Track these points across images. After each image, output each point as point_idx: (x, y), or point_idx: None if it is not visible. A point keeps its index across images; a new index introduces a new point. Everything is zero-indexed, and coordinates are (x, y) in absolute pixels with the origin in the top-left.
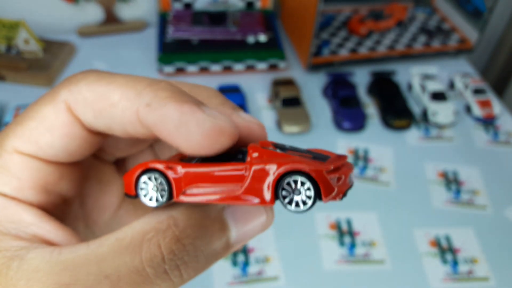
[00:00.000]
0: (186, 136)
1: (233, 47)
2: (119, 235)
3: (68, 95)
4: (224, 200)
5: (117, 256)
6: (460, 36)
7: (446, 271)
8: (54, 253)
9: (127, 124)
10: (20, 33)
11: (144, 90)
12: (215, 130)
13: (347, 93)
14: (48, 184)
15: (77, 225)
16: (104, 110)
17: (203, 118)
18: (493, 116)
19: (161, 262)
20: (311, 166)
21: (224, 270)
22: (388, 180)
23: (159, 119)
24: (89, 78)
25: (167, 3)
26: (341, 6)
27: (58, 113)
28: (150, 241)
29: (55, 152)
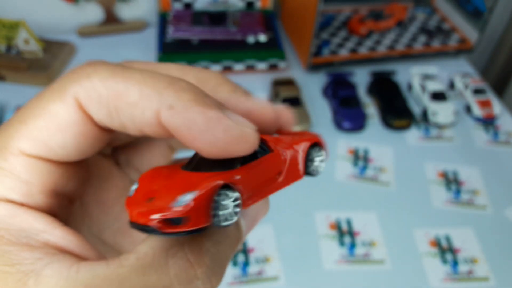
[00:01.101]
0: (211, 142)
1: (233, 47)
2: (139, 254)
3: (79, 90)
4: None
5: (141, 275)
6: (460, 36)
7: (446, 271)
8: (72, 271)
9: (144, 124)
10: (20, 33)
11: (165, 90)
12: (241, 137)
13: (347, 93)
14: (57, 186)
15: (79, 223)
16: (121, 109)
17: (230, 125)
18: (493, 116)
19: (194, 277)
20: (318, 138)
21: None
22: (388, 180)
23: (183, 123)
24: (102, 73)
25: (167, 3)
26: (341, 6)
27: (69, 110)
28: (176, 256)
29: (67, 153)
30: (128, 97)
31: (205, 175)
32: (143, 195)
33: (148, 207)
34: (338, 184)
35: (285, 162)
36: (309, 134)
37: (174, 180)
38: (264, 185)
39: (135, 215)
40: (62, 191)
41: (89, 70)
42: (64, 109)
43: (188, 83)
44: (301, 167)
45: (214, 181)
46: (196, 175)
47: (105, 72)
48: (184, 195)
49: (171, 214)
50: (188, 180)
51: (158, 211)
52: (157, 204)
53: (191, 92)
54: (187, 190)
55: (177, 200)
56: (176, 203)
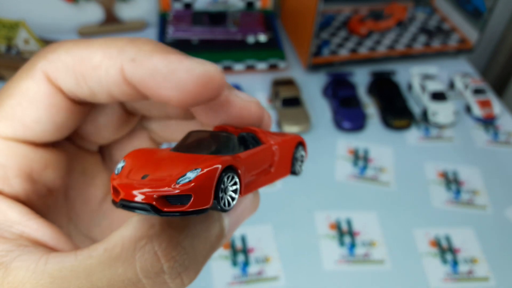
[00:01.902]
0: (176, 85)
1: (233, 47)
2: (108, 245)
3: (45, 64)
4: (268, 181)
5: (107, 268)
6: (460, 36)
7: (446, 271)
8: (40, 263)
9: (111, 85)
10: (20, 33)
11: (126, 46)
12: (206, 75)
13: (347, 93)
14: (34, 171)
15: (60, 219)
16: (86, 73)
17: (191, 64)
18: (493, 116)
19: (160, 271)
20: (301, 138)
21: (224, 270)
22: (388, 180)
23: (146, 72)
24: (67, 45)
25: (167, 3)
26: (341, 6)
27: (39, 84)
28: (143, 248)
29: (43, 128)
30: (91, 60)
31: (205, 156)
32: (134, 173)
33: (144, 184)
34: (338, 184)
35: (276, 155)
36: (291, 134)
37: (168, 159)
38: (259, 174)
39: (128, 193)
40: (39, 178)
41: (55, 46)
42: (34, 84)
43: (149, 39)
44: (289, 164)
45: (219, 161)
46: (194, 156)
47: (70, 43)
48: (189, 172)
49: (173, 190)
50: (187, 160)
51: (158, 188)
52: (155, 181)
53: (152, 44)
54: (190, 167)
55: (182, 176)
56: (181, 180)
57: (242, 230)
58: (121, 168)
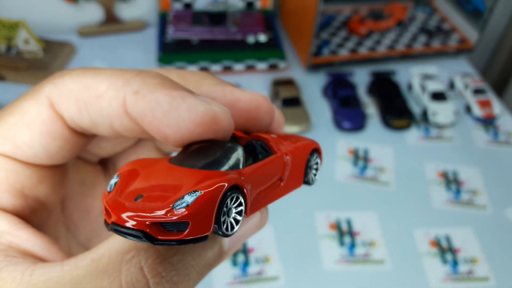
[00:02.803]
0: (176, 123)
1: (233, 47)
2: (95, 255)
3: (52, 88)
4: (277, 197)
5: (93, 280)
6: (460, 36)
7: (446, 271)
8: (25, 274)
9: (113, 117)
10: (20, 33)
11: (133, 78)
12: (209, 116)
13: (347, 93)
14: (26, 188)
15: (58, 230)
16: (89, 102)
17: (195, 102)
18: (493, 116)
19: (145, 286)
20: (317, 144)
21: (224, 270)
22: (388, 180)
23: (147, 106)
24: (75, 72)
25: (167, 3)
26: (341, 6)
27: (40, 109)
28: (130, 262)
29: (34, 152)
30: (96, 90)
31: (206, 173)
32: (128, 192)
33: (137, 208)
34: (338, 184)
35: (287, 166)
36: (306, 139)
37: (166, 175)
38: (267, 190)
39: (118, 216)
40: (31, 193)
41: (65, 72)
42: (35, 107)
43: (157, 72)
44: (302, 174)
45: (221, 180)
46: (194, 172)
47: (78, 71)
48: (186, 195)
49: (169, 217)
50: (185, 176)
51: (151, 213)
52: (149, 204)
53: (158, 77)
54: (188, 188)
55: (179, 200)
56: (177, 204)
57: None
58: (114, 185)
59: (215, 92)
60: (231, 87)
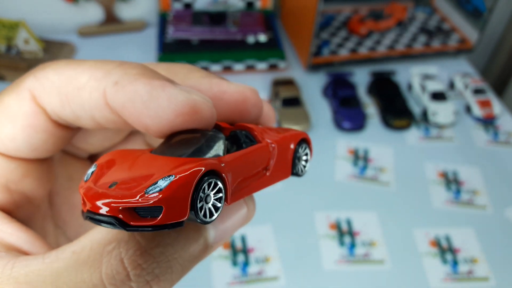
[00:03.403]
0: (156, 113)
1: (233, 47)
2: (76, 247)
3: (33, 82)
4: (262, 186)
5: (74, 272)
6: (460, 36)
7: (446, 271)
8: (6, 268)
9: (94, 109)
10: (20, 33)
11: (114, 69)
12: (189, 105)
13: (347, 93)
14: (10, 182)
15: (46, 225)
16: (71, 94)
17: (175, 92)
18: (493, 116)
19: (126, 279)
20: (305, 134)
21: (224, 270)
22: (388, 180)
23: (126, 97)
24: (57, 64)
25: (167, 3)
26: (341, 6)
27: (21, 102)
28: (110, 254)
29: (17, 146)
30: (77, 82)
31: (183, 160)
32: (103, 180)
33: (110, 194)
34: (338, 184)
35: (273, 155)
36: (295, 130)
37: (143, 163)
38: (251, 179)
39: (93, 204)
40: (16, 188)
41: (46, 64)
42: (17, 100)
43: (139, 64)
44: (289, 165)
45: (198, 165)
46: (172, 159)
47: (60, 63)
48: (160, 180)
49: (141, 202)
50: (162, 164)
51: (124, 198)
52: (122, 190)
53: (139, 67)
54: (162, 174)
55: (152, 185)
56: (150, 189)
57: (242, 230)
58: (90, 174)
59: (201, 84)
60: (218, 79)
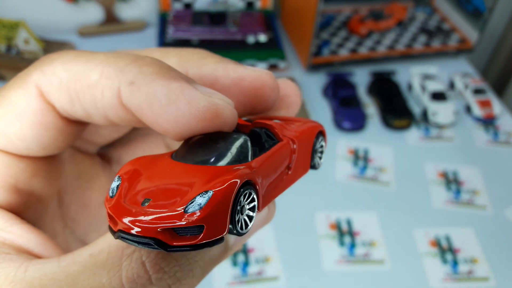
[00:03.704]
0: (175, 117)
1: (233, 47)
2: (93, 250)
3: (40, 77)
4: (287, 186)
5: (91, 276)
6: (460, 36)
7: (446, 271)
8: (19, 271)
9: (107, 108)
10: (20, 33)
11: (127, 66)
12: (211, 110)
13: (347, 93)
14: (19, 182)
15: (55, 225)
16: (81, 92)
17: (195, 95)
18: (493, 116)
19: (147, 283)
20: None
21: (224, 270)
22: (388, 180)
23: (144, 99)
24: (65, 57)
25: (167, 3)
26: (341, 6)
27: (29, 99)
28: (130, 257)
29: (27, 145)
30: (88, 79)
31: (215, 169)
32: (132, 195)
33: (146, 213)
34: (338, 184)
35: (295, 152)
36: (310, 121)
37: (172, 174)
38: (276, 181)
39: (125, 223)
40: (26, 188)
41: (53, 57)
42: (24, 97)
43: (154, 59)
44: (309, 159)
45: (233, 177)
46: (201, 168)
47: (69, 56)
48: (198, 197)
49: (183, 222)
50: (193, 175)
51: (164, 219)
52: (158, 208)
53: (155, 66)
54: (198, 189)
55: (190, 203)
56: (189, 208)
57: None
58: (116, 189)
59: (217, 71)
60: (233, 65)
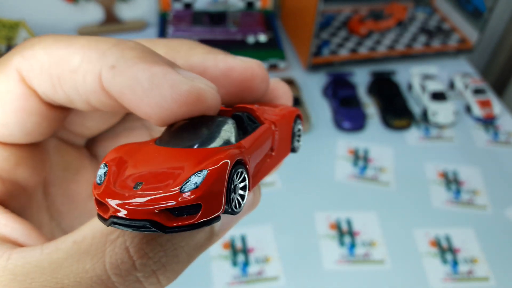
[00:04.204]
0: (158, 102)
1: (233, 47)
2: (77, 237)
3: (21, 61)
4: (271, 167)
5: (75, 262)
6: (460, 36)
7: (446, 271)
8: (1, 260)
9: (89, 93)
10: (20, 33)
11: (109, 50)
12: (194, 94)
13: (347, 93)
14: (3, 170)
15: (41, 216)
16: (63, 77)
17: (177, 79)
18: (493, 116)
19: (131, 268)
20: (298, 110)
21: (224, 270)
22: (388, 180)
23: (125, 83)
24: (46, 41)
25: (167, 3)
26: (341, 6)
27: (10, 84)
28: (114, 242)
29: (9, 131)
30: (69, 63)
31: (205, 151)
32: (122, 180)
33: (140, 195)
34: (338, 184)
35: (276, 135)
36: (287, 106)
37: (160, 158)
38: (262, 162)
39: (119, 208)
40: (9, 177)
41: (34, 41)
42: (5, 82)
43: (136, 43)
44: (289, 142)
45: (225, 156)
46: (189, 151)
47: (50, 39)
48: (193, 176)
49: (180, 201)
50: (183, 158)
51: (159, 200)
52: (152, 190)
53: (137, 50)
54: (191, 169)
55: (185, 183)
56: (185, 187)
57: (242, 230)
58: (104, 176)
59: (206, 61)
60: (223, 55)
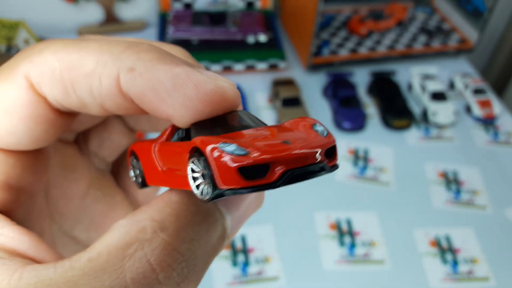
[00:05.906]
0: (183, 102)
1: (233, 47)
2: (92, 254)
3: (29, 67)
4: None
5: (92, 280)
6: (460, 36)
7: (446, 271)
8: (14, 277)
9: (105, 96)
10: (20, 33)
11: (123, 53)
12: (219, 93)
13: (347, 93)
14: (10, 179)
15: (42, 222)
16: (77, 82)
17: (202, 80)
18: (493, 116)
19: (155, 282)
20: None
21: (224, 270)
22: (388, 180)
23: (147, 85)
24: (54, 47)
25: (167, 3)
26: (341, 6)
27: (18, 91)
28: (133, 257)
29: (17, 139)
30: (83, 67)
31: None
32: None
33: (309, 141)
34: (338, 184)
35: None
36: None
37: (269, 132)
38: None
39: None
40: (16, 184)
41: (41, 46)
42: (13, 90)
43: (150, 45)
44: None
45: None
46: (272, 128)
47: (58, 45)
48: (318, 126)
49: (333, 141)
50: (278, 130)
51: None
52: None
53: (155, 51)
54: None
55: (320, 132)
56: (326, 133)
57: (242, 230)
58: (235, 145)
59: None
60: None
